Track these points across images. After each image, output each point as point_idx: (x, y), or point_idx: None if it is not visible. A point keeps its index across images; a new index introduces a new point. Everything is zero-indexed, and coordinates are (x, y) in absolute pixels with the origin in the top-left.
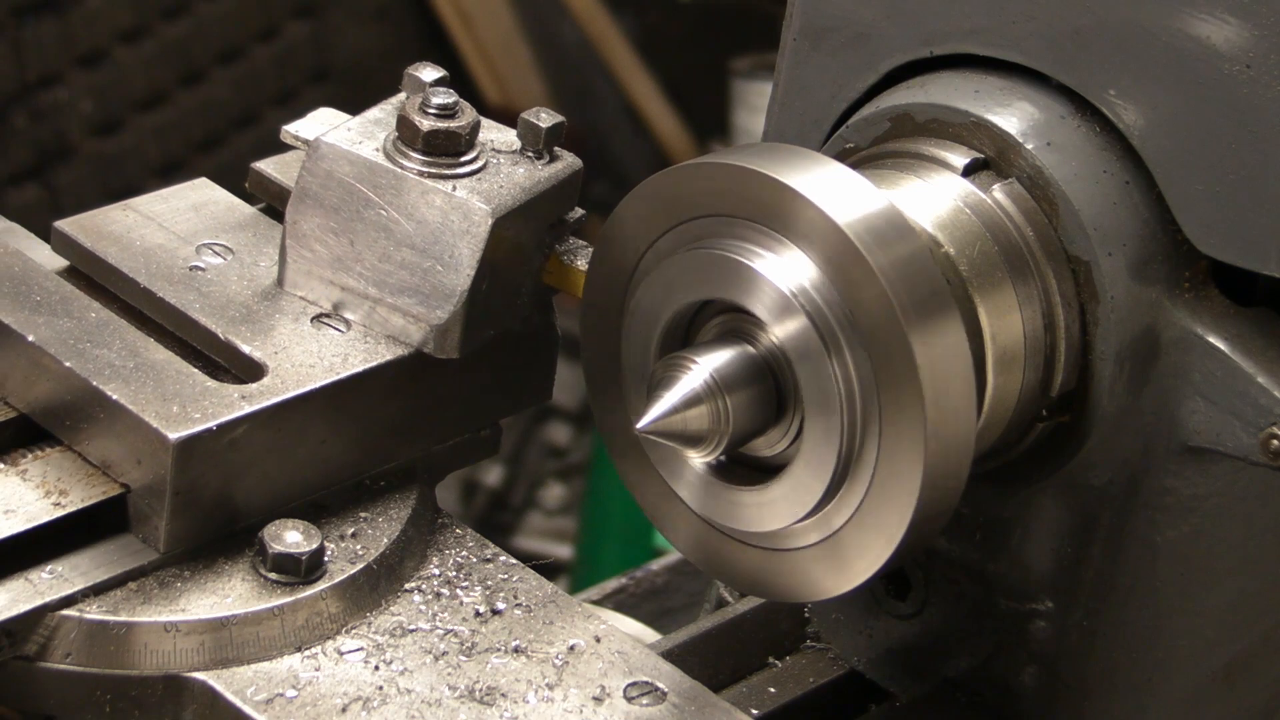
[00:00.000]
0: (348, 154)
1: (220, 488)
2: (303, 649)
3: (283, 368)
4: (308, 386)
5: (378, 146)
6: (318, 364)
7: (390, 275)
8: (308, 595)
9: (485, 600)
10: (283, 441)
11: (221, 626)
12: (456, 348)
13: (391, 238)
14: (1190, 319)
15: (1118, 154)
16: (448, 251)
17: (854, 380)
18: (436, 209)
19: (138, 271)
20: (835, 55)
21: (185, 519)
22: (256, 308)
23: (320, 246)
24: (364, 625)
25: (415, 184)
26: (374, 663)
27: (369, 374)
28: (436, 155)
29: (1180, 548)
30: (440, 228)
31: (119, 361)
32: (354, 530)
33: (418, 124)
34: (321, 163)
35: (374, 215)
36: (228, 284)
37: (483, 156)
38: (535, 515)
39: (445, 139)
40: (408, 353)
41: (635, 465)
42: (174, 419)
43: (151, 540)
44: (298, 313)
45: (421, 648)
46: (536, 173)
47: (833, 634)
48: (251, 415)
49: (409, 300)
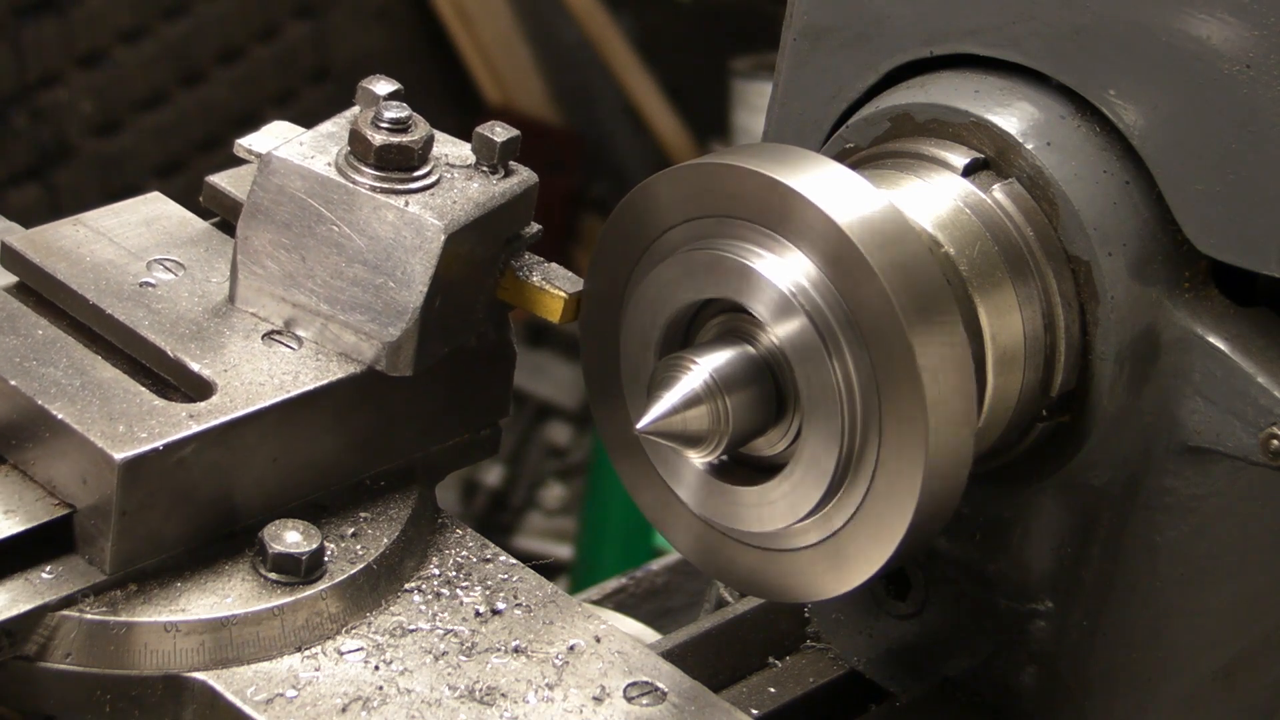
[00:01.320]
0: (299, 169)
1: (168, 508)
2: (303, 649)
3: (232, 386)
4: (257, 405)
5: (330, 161)
6: (268, 382)
7: (342, 292)
8: (308, 595)
9: (485, 600)
10: (232, 461)
11: (221, 626)
12: (410, 365)
13: (343, 254)
14: (1190, 319)
15: (1118, 154)
16: (400, 268)
17: (854, 380)
18: (389, 225)
19: (87, 288)
20: (835, 55)
21: (132, 540)
22: (207, 325)
23: (272, 263)
24: (364, 625)
25: (367, 199)
26: (374, 663)
27: (320, 392)
28: (389, 170)
29: (1180, 548)
30: (392, 244)
31: (65, 380)
32: (354, 530)
33: (370, 138)
34: (273, 177)
35: (326, 231)
36: (178, 300)
37: (436, 171)
38: (535, 515)
39: (398, 154)
40: (360, 370)
41: (635, 465)
42: (120, 438)
43: (97, 561)
44: (249, 330)
45: (421, 648)
46: (491, 188)
47: (833, 634)
48: (200, 434)
49: (361, 317)
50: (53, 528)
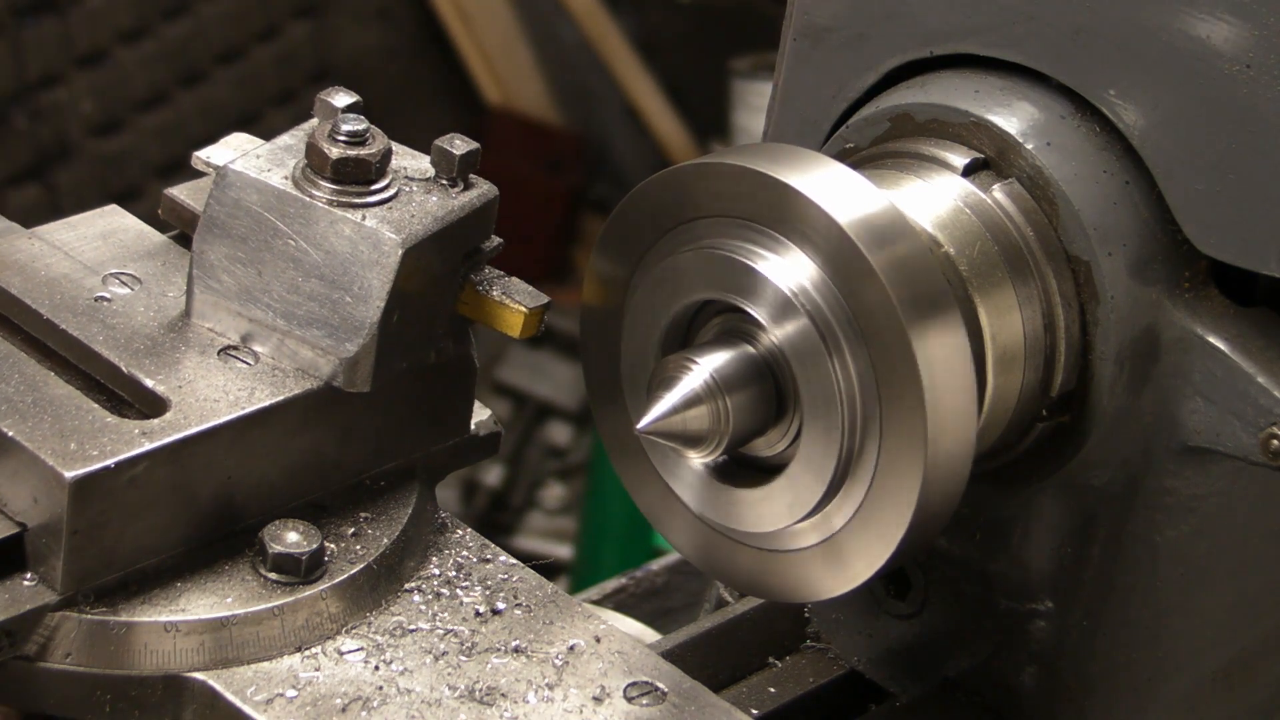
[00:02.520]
0: (255, 182)
1: (121, 526)
2: (303, 649)
3: (187, 402)
4: (212, 422)
5: (287, 174)
6: (223, 398)
7: (299, 307)
8: (308, 595)
9: (485, 600)
10: (187, 479)
11: (221, 626)
12: (367, 381)
13: (300, 268)
14: (1190, 319)
15: (1118, 154)
16: (357, 282)
17: (854, 380)
18: (346, 239)
19: (41, 302)
20: (835, 55)
21: (84, 558)
22: (162, 340)
23: (228, 277)
24: (364, 625)
25: (324, 213)
26: (374, 663)
27: (276, 408)
28: (346, 184)
29: (1180, 548)
30: (350, 258)
31: (17, 396)
32: (354, 530)
33: (326, 151)
34: (229, 191)
35: (282, 245)
36: (134, 315)
37: (395, 185)
38: (535, 515)
39: (354, 167)
40: (317, 386)
41: (635, 465)
42: (71, 456)
43: (49, 580)
44: (204, 345)
45: (421, 648)
46: (449, 201)
47: (833, 634)
48: (152, 452)
49: (318, 332)
50: (5, 546)
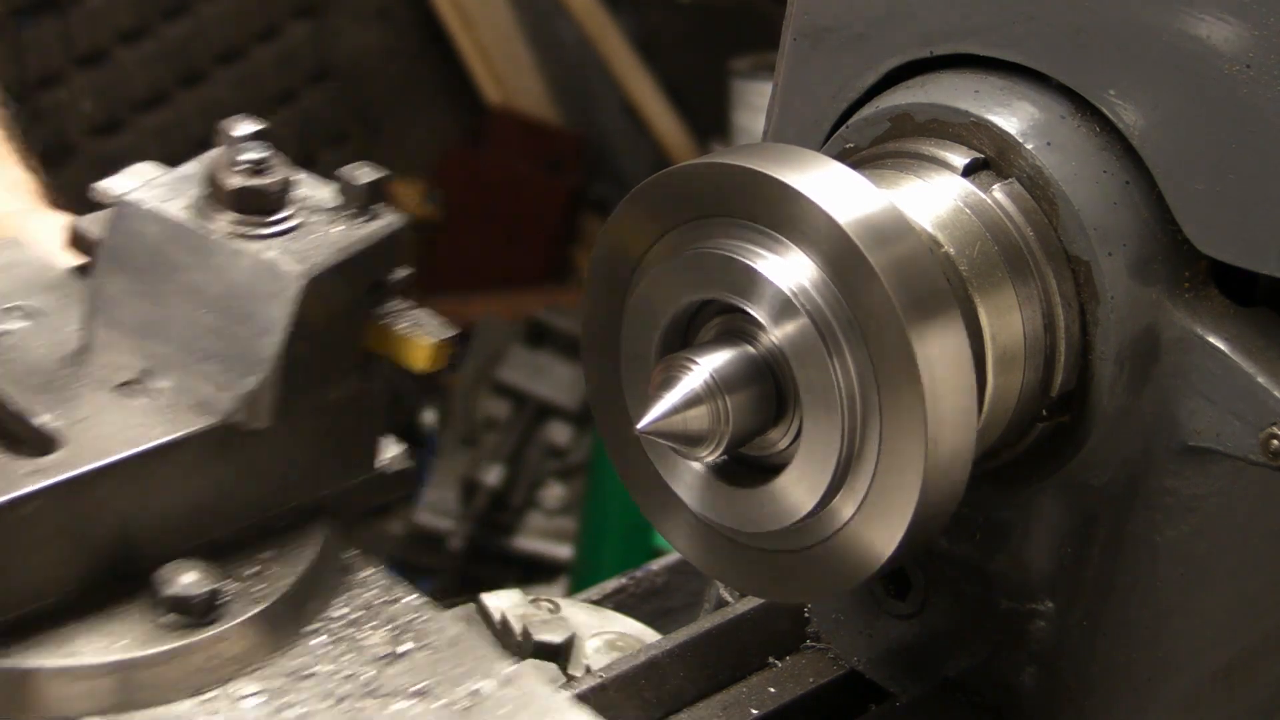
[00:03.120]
0: (154, 213)
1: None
2: (200, 693)
3: (81, 439)
4: (106, 459)
5: (187, 204)
6: (118, 435)
7: (198, 340)
8: (204, 638)
9: (390, 642)
10: (80, 518)
11: (115, 671)
12: (268, 416)
13: (200, 301)
14: (1190, 319)
15: (1118, 154)
16: (257, 315)
17: (854, 380)
18: (245, 271)
19: None
20: (835, 55)
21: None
22: (59, 375)
23: (127, 310)
24: (264, 668)
25: (223, 245)
26: (274, 705)
27: (174, 445)
28: (246, 214)
29: (1180, 548)
30: (249, 291)
31: None
32: (256, 570)
33: (224, 182)
34: (128, 222)
35: (182, 278)
36: (30, 350)
37: (297, 215)
38: (535, 515)
39: (254, 197)
40: (217, 422)
41: (635, 465)
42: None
43: None
44: (102, 380)
45: (323, 691)
46: (353, 231)
47: (833, 634)
48: (42, 491)
49: (218, 367)
50: None
